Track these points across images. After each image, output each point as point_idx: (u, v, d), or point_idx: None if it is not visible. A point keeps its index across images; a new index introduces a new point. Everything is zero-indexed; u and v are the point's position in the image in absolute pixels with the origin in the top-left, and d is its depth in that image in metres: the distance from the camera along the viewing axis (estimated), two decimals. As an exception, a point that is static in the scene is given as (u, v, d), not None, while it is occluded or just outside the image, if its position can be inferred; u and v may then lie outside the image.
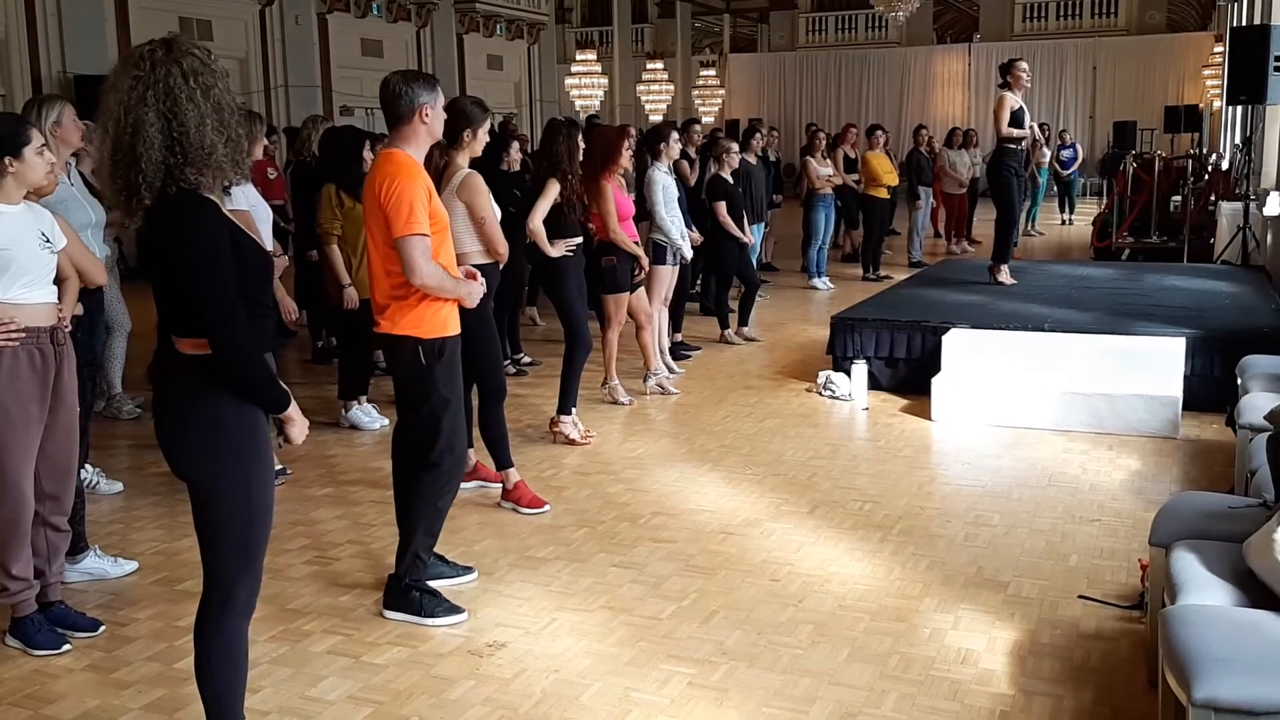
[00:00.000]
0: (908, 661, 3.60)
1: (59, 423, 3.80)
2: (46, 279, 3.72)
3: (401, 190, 3.78)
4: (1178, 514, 3.54)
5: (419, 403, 4.01)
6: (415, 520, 4.06)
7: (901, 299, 8.64)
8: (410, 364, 3.96)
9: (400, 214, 3.77)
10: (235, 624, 2.77)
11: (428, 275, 3.82)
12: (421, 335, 3.93)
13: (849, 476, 5.62)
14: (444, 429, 3.99)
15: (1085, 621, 3.88)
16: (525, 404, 7.12)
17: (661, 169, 7.80)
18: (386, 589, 4.08)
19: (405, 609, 3.99)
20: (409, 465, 4.14)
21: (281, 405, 2.71)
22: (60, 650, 3.74)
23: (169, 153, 2.48)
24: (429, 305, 3.92)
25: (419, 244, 3.79)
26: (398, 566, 4.07)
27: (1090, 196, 22.79)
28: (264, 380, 2.64)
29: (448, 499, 4.14)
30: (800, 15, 32.97)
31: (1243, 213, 10.83)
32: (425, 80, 3.96)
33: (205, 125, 2.50)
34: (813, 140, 12.74)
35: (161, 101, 2.47)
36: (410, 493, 4.11)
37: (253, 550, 2.74)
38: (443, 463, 4.03)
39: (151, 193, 2.51)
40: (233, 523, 2.69)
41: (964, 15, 33.40)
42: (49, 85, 14.06)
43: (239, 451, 2.65)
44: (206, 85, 2.52)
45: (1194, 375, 6.59)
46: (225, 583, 2.73)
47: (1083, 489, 5.34)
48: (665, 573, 4.37)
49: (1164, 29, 29.36)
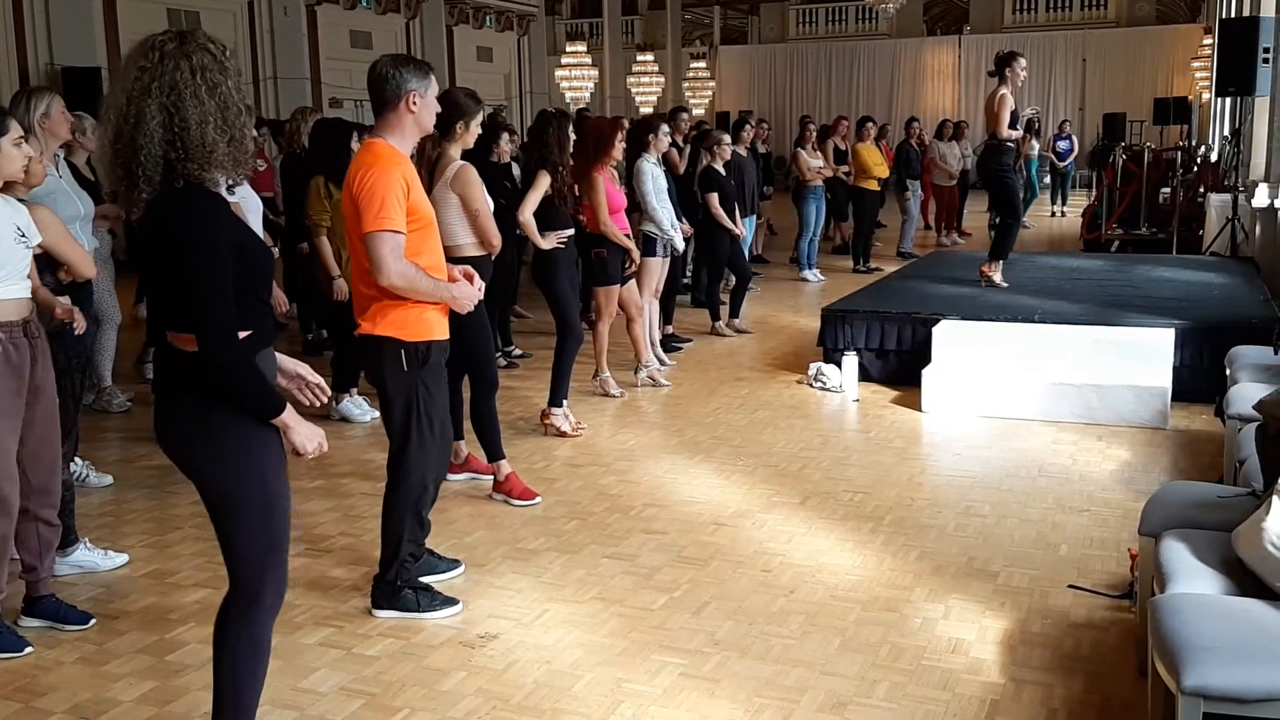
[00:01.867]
0: (899, 651, 3.61)
1: (38, 417, 3.74)
2: (20, 274, 3.67)
3: (375, 182, 3.57)
4: (1167, 503, 3.55)
5: (395, 409, 3.83)
6: (399, 530, 3.92)
7: (892, 291, 8.65)
8: (393, 368, 3.77)
9: (371, 207, 3.57)
10: (263, 621, 2.74)
11: (396, 275, 3.60)
12: (404, 338, 3.74)
13: (840, 468, 5.63)
14: (414, 439, 3.82)
15: (1075, 611, 3.90)
16: (516, 396, 7.12)
17: (650, 160, 7.79)
18: (374, 589, 3.98)
19: (399, 608, 3.91)
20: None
21: (272, 410, 2.59)
22: (23, 653, 3.67)
23: (169, 146, 2.45)
24: (414, 305, 3.73)
25: (388, 240, 3.57)
26: (385, 570, 3.95)
27: (1080, 189, 22.82)
28: (251, 384, 2.54)
29: (427, 504, 4.04)
30: (790, 7, 32.94)
31: (1232, 204, 10.85)
32: (416, 66, 3.75)
33: (207, 123, 2.46)
34: (804, 132, 12.75)
35: (165, 95, 2.44)
36: (389, 502, 3.97)
37: (276, 545, 2.69)
38: (411, 474, 3.86)
39: (150, 185, 2.48)
40: (252, 519, 2.63)
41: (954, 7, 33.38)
42: (36, 77, 14.00)
43: (248, 446, 2.60)
44: (213, 83, 2.47)
45: (1183, 366, 6.62)
46: (252, 581, 2.68)
47: (1073, 479, 5.36)
48: (657, 564, 4.38)
49: (1153, 21, 29.38)
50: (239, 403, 2.56)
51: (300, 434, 2.66)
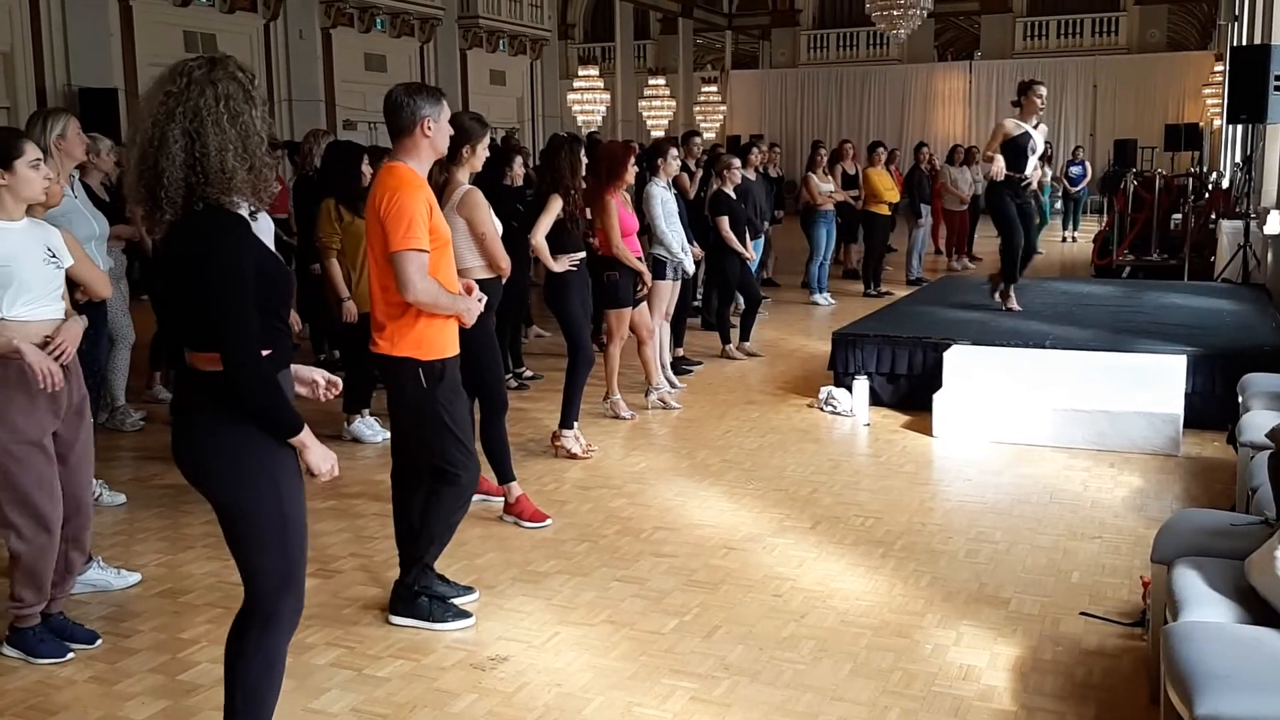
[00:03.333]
0: (910, 678, 3.60)
1: (77, 436, 3.80)
2: (52, 296, 3.68)
3: (402, 204, 3.75)
4: (1179, 531, 3.55)
5: (424, 425, 3.96)
6: (430, 533, 4.05)
7: (903, 315, 8.65)
8: (412, 387, 3.91)
9: (399, 228, 3.73)
10: (278, 642, 2.74)
11: (422, 291, 3.77)
12: (422, 357, 3.88)
13: (850, 492, 5.63)
14: (453, 446, 3.97)
15: (1087, 638, 3.89)
16: (527, 418, 7.13)
17: (660, 184, 7.82)
18: (393, 594, 4.10)
19: (413, 614, 4.01)
20: (409, 484, 4.13)
21: (291, 429, 2.64)
22: (64, 659, 3.74)
23: (190, 170, 2.50)
24: (428, 325, 3.87)
25: (415, 259, 3.74)
26: (405, 574, 4.07)
27: (1091, 214, 22.84)
28: (273, 401, 2.59)
29: (460, 514, 4.14)
30: (802, 32, 33.10)
31: (1243, 231, 10.85)
32: (429, 93, 3.92)
33: (226, 150, 2.50)
34: (814, 156, 12.79)
35: (188, 120, 2.49)
36: (418, 508, 4.08)
37: (293, 563, 2.71)
38: (461, 478, 4.01)
39: (173, 208, 2.53)
40: (269, 538, 2.66)
41: (965, 33, 33.53)
42: (53, 98, 14.11)
43: (266, 466, 2.62)
44: (236, 112, 2.53)
45: (1195, 393, 6.60)
46: (268, 601, 2.70)
47: (1084, 506, 5.34)
48: (667, 587, 4.38)
49: (1164, 48, 29.47)
50: (259, 419, 2.59)
51: (315, 455, 2.71)
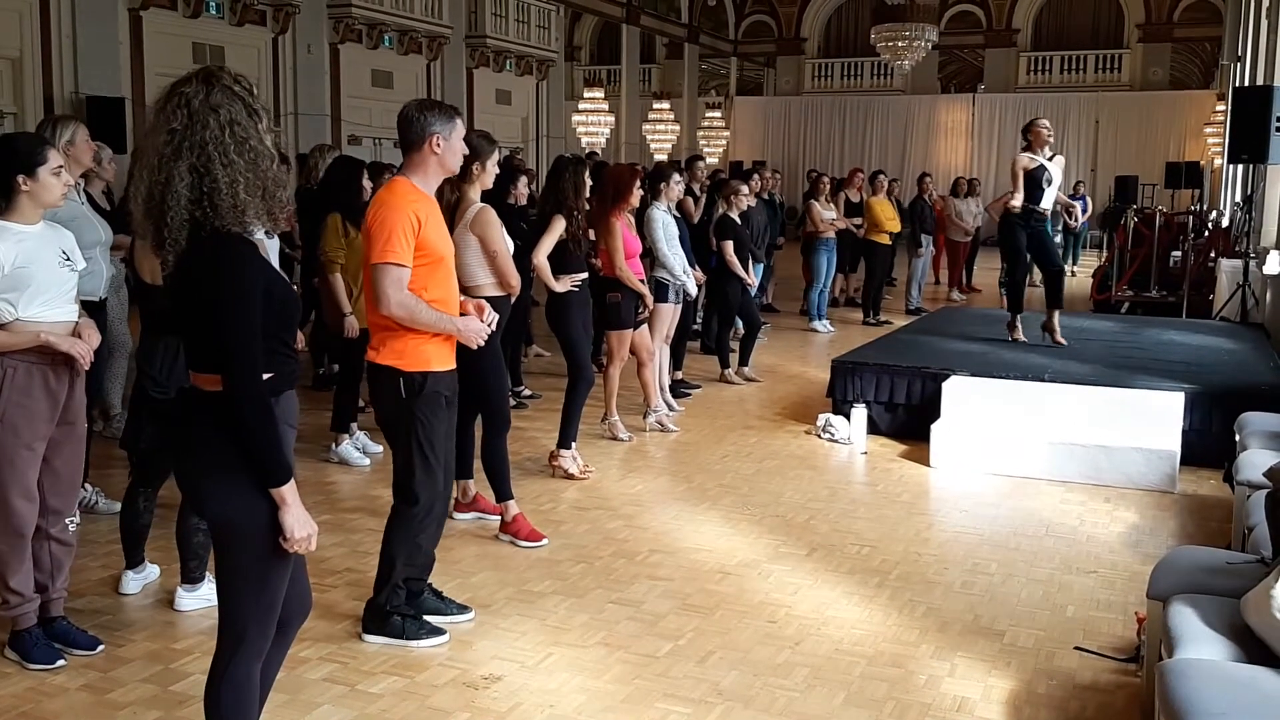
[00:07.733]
0: (903, 708, 3.60)
1: (68, 439, 3.81)
2: (66, 297, 3.73)
3: (384, 217, 3.76)
4: (1176, 568, 3.55)
5: (397, 436, 3.95)
6: (395, 552, 4.01)
7: (902, 344, 8.67)
8: (389, 396, 3.89)
9: (378, 241, 3.74)
10: (246, 668, 2.66)
11: (396, 305, 3.75)
12: (403, 367, 3.85)
13: (847, 520, 5.63)
14: (418, 466, 3.92)
15: (1081, 673, 3.88)
16: (525, 437, 7.13)
17: (661, 208, 7.85)
18: (365, 613, 4.07)
19: (386, 633, 3.99)
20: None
21: (277, 471, 2.52)
22: (54, 666, 3.74)
23: (195, 206, 2.47)
24: (413, 337, 3.84)
25: (390, 272, 3.73)
26: (377, 593, 4.04)
27: (1091, 249, 22.92)
28: (265, 430, 2.50)
29: (429, 534, 4.11)
30: (807, 60, 33.31)
31: (1242, 270, 10.89)
32: (441, 110, 3.91)
33: (237, 184, 2.47)
34: (816, 183, 12.85)
35: (195, 156, 2.46)
36: (390, 524, 4.07)
37: (270, 592, 2.63)
38: (419, 498, 3.95)
39: (176, 247, 2.49)
40: (250, 556, 2.59)
41: (968, 66, 33.70)
42: (61, 106, 14.15)
43: (262, 490, 2.55)
44: (242, 138, 2.49)
45: (1192, 430, 6.61)
46: (238, 622, 2.64)
47: (1080, 540, 5.35)
48: (662, 610, 4.37)
49: (1167, 86, 29.64)
50: (249, 447, 2.50)
51: (293, 516, 2.55)
